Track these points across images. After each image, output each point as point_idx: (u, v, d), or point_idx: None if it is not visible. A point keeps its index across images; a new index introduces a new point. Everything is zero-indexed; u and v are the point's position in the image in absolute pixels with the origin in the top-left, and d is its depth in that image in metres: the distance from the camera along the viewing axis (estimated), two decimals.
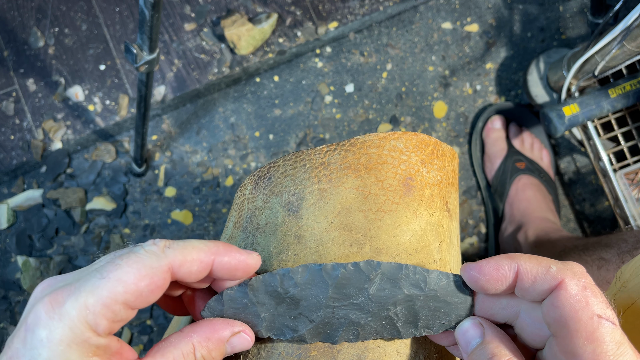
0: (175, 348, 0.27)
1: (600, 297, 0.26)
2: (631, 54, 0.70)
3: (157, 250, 0.26)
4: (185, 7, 0.97)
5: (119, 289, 0.25)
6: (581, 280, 0.26)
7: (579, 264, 0.27)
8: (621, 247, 0.59)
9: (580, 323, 0.25)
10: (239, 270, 0.28)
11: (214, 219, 0.97)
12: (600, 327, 0.25)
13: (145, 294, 0.26)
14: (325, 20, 0.97)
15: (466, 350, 0.28)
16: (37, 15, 0.97)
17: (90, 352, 0.25)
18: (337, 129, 0.98)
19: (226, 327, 0.29)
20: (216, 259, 0.28)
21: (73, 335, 0.24)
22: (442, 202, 0.34)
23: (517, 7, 1.00)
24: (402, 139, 0.34)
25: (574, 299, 0.25)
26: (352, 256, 0.31)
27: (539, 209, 0.89)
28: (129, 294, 0.25)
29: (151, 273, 0.26)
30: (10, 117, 0.95)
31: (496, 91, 0.99)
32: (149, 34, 0.59)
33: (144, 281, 0.25)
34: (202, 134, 0.98)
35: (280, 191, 0.34)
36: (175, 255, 0.27)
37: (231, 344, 0.29)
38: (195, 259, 0.27)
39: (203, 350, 0.28)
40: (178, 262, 0.27)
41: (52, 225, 0.96)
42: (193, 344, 0.28)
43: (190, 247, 0.27)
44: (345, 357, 0.30)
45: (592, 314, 0.25)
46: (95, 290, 0.25)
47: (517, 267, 0.27)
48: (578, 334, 0.25)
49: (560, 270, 0.26)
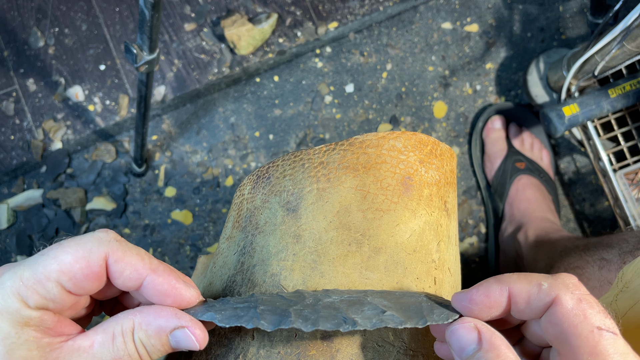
0: (117, 324, 0.27)
1: (597, 307, 0.25)
2: (631, 54, 0.70)
3: (103, 237, 0.27)
4: (185, 7, 0.97)
5: (54, 267, 0.25)
6: (575, 293, 0.25)
7: (570, 274, 0.27)
8: (623, 248, 0.59)
9: (581, 338, 0.24)
10: (169, 296, 0.27)
11: (214, 219, 0.97)
12: (601, 339, 0.24)
13: (79, 277, 0.26)
14: (325, 20, 0.97)
15: (460, 356, 0.27)
16: (37, 15, 0.97)
17: (21, 323, 0.25)
18: (337, 129, 0.98)
19: (171, 317, 0.27)
20: (150, 276, 0.27)
21: (5, 304, 0.25)
22: (441, 202, 0.34)
23: (517, 7, 1.00)
24: (400, 139, 0.34)
25: (571, 313, 0.25)
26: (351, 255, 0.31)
27: (539, 209, 0.89)
28: (62, 273, 0.25)
29: (88, 256, 0.26)
30: (10, 117, 0.95)
31: (496, 91, 0.99)
32: (149, 34, 0.59)
33: (79, 263, 0.26)
34: (202, 134, 0.98)
35: (279, 191, 0.34)
36: (116, 249, 0.27)
37: (175, 337, 0.28)
38: (132, 263, 0.27)
39: (141, 333, 0.27)
40: (115, 257, 0.26)
41: (52, 225, 0.96)
42: (134, 322, 0.27)
43: (134, 251, 0.27)
44: (344, 356, 0.30)
45: (592, 327, 0.24)
46: (32, 265, 0.25)
47: (507, 291, 0.26)
48: (580, 350, 0.24)
49: (552, 286, 0.26)
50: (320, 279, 0.31)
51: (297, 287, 0.32)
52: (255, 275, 0.33)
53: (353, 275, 0.31)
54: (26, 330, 0.25)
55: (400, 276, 0.32)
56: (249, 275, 0.33)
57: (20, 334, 0.25)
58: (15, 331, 0.25)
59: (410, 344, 0.31)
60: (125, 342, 0.27)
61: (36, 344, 0.25)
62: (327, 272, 0.31)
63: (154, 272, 0.27)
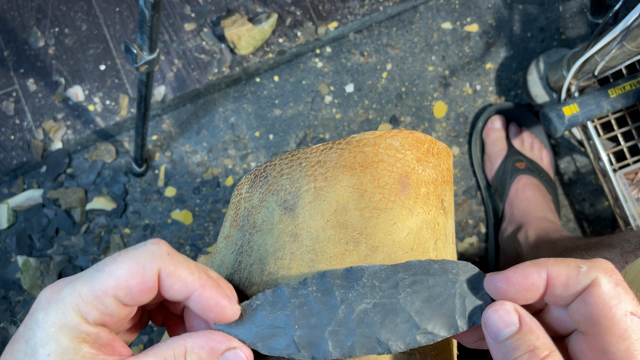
0: (168, 348, 0.27)
1: (632, 294, 0.25)
2: (631, 54, 0.70)
3: (155, 251, 0.27)
4: (185, 7, 0.97)
5: (110, 283, 0.26)
6: (613, 277, 0.25)
7: (606, 260, 0.27)
8: (624, 248, 0.58)
9: (614, 320, 0.24)
10: (213, 312, 0.28)
11: (214, 219, 0.97)
12: (633, 324, 0.24)
13: (135, 292, 0.26)
14: (325, 20, 0.98)
15: (495, 338, 0.26)
16: (37, 15, 0.97)
17: (79, 339, 0.25)
18: (337, 129, 0.98)
19: (222, 340, 0.29)
20: (198, 290, 0.27)
21: (65, 320, 0.25)
22: (438, 200, 0.34)
23: (517, 7, 1.00)
24: (397, 137, 0.34)
25: (608, 295, 0.25)
26: (348, 254, 0.31)
27: (539, 208, 0.89)
28: (119, 288, 0.26)
29: (142, 272, 0.26)
30: (10, 117, 0.96)
31: (496, 91, 0.99)
32: (149, 34, 0.59)
33: (135, 279, 0.26)
34: (202, 134, 0.98)
35: (277, 190, 0.34)
36: (168, 263, 0.27)
37: (225, 358, 0.29)
38: (182, 277, 0.27)
39: (194, 356, 0.28)
40: (167, 271, 0.27)
41: (52, 225, 0.96)
42: (186, 347, 0.28)
43: (185, 265, 0.27)
44: None
45: (626, 311, 0.24)
46: (89, 281, 0.26)
47: (546, 274, 0.26)
48: (611, 332, 0.24)
49: (592, 269, 0.26)
50: None
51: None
52: (253, 274, 0.33)
53: None
54: (83, 346, 0.26)
55: None
56: (247, 274, 0.33)
57: (77, 349, 0.25)
58: (73, 346, 0.25)
59: None
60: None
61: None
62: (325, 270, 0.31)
63: (202, 287, 0.27)
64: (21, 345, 0.25)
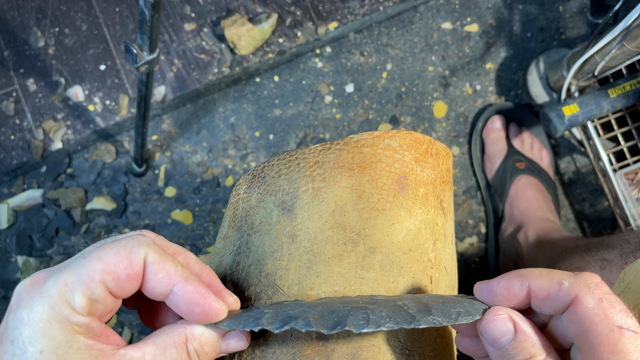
0: (167, 337, 0.27)
1: (619, 307, 0.25)
2: (631, 54, 0.70)
3: (142, 239, 0.26)
4: (185, 7, 0.97)
5: (98, 267, 0.25)
6: (596, 293, 0.25)
7: (594, 273, 0.27)
8: (624, 248, 0.58)
9: (601, 337, 0.24)
10: (199, 306, 0.27)
11: (214, 219, 0.97)
12: (622, 338, 0.24)
13: (123, 278, 0.25)
14: (325, 20, 0.97)
15: (494, 346, 0.27)
16: (37, 15, 0.97)
17: (71, 330, 0.24)
18: (337, 129, 0.98)
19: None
20: (181, 283, 0.27)
21: (53, 312, 0.24)
22: (437, 201, 0.34)
23: (517, 7, 1.00)
24: (396, 138, 0.34)
25: (591, 313, 0.25)
26: (346, 255, 0.31)
27: (539, 208, 0.88)
28: (106, 273, 0.25)
29: (130, 257, 0.26)
30: (10, 117, 0.96)
31: (496, 91, 0.99)
32: (149, 34, 0.59)
33: (122, 263, 0.25)
34: (202, 134, 0.98)
35: (275, 190, 0.34)
36: (154, 251, 0.26)
37: (226, 341, 0.29)
38: (166, 268, 0.26)
39: (195, 343, 0.27)
40: (152, 259, 0.26)
41: (52, 225, 0.96)
42: (186, 334, 0.27)
43: (170, 257, 0.27)
44: (339, 356, 0.30)
45: (612, 327, 0.24)
46: (75, 268, 0.25)
47: (528, 286, 0.27)
48: (601, 348, 0.24)
49: (573, 285, 0.26)
50: (315, 279, 0.31)
51: (292, 287, 0.32)
52: (251, 275, 0.33)
53: (348, 275, 0.31)
54: (77, 338, 0.25)
55: (396, 275, 0.32)
56: (245, 275, 0.33)
57: (71, 342, 0.24)
58: (67, 339, 0.24)
59: (406, 343, 0.31)
60: (179, 353, 0.27)
61: (88, 351, 0.25)
62: (323, 271, 0.31)
63: (185, 279, 0.27)
64: (7, 347, 0.24)
